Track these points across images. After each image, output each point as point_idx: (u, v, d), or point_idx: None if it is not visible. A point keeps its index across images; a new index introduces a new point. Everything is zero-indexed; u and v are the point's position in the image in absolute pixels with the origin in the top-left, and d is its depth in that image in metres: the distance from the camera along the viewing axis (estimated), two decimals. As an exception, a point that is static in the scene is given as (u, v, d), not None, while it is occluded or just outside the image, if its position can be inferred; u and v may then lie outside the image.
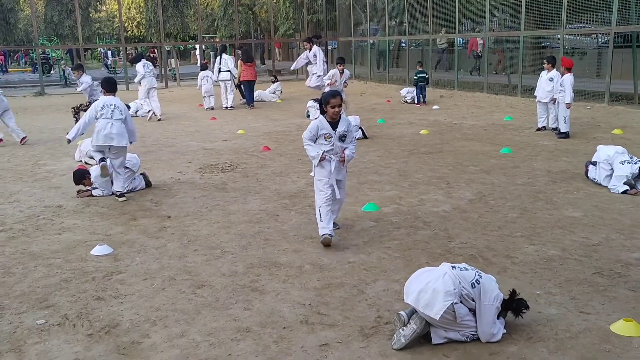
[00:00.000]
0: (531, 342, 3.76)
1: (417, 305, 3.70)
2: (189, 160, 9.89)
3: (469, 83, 19.78)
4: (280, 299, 4.51)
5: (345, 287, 4.71)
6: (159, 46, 27.48)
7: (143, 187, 8.07)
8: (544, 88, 11.33)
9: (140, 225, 6.48)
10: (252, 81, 16.91)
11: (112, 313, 4.34)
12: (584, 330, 3.89)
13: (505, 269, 4.98)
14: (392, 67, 24.07)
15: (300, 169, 8.98)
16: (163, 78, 25.76)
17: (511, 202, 6.90)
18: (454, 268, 3.79)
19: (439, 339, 3.75)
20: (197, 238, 5.99)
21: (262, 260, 5.33)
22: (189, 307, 4.41)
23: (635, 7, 13.37)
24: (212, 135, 12.48)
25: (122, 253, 5.61)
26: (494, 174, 8.30)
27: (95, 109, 7.50)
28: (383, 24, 23.99)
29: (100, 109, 7.47)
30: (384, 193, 7.49)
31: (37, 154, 10.89)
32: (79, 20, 24.54)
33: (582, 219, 6.21)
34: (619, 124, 12.01)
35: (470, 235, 5.83)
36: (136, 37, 43.75)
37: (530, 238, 5.69)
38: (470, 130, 12.22)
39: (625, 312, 4.09)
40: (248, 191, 7.78)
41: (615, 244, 5.44)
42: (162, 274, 5.08)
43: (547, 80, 11.20)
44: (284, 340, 3.89)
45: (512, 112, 14.69)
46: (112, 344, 3.89)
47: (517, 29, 17.09)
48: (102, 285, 4.85)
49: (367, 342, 3.84)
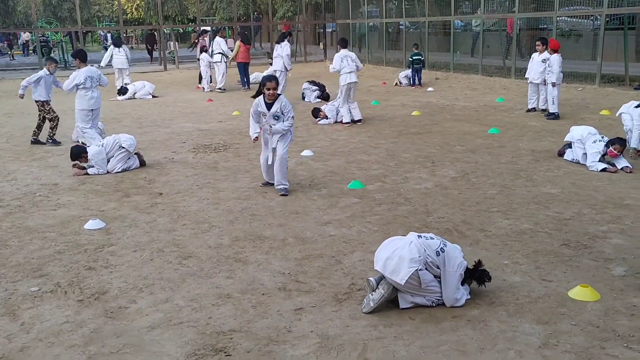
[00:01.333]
0: (493, 307, 4.01)
1: (384, 271, 3.95)
2: (183, 141, 10.12)
3: (465, 65, 19.87)
4: (262, 269, 4.77)
5: (324, 257, 4.96)
6: (157, 29, 27.52)
7: (137, 166, 8.30)
8: (536, 69, 11.49)
9: (133, 201, 6.73)
10: (247, 63, 17.02)
11: (102, 281, 4.60)
12: (544, 295, 4.14)
13: (477, 241, 5.22)
14: (390, 50, 24.14)
15: (291, 148, 9.12)
16: (162, 61, 25.88)
17: (492, 180, 7.12)
18: (420, 237, 4.03)
19: (406, 304, 4.00)
20: (187, 213, 6.23)
21: (247, 233, 5.58)
22: (175, 276, 4.67)
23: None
24: (207, 117, 12.68)
25: (114, 227, 5.86)
26: (479, 153, 8.51)
27: (78, 81, 9.01)
28: (381, 6, 24.01)
29: (83, 81, 9.01)
30: (370, 172, 7.72)
31: (35, 134, 11.10)
32: (77, 3, 24.63)
33: (558, 195, 6.44)
34: (607, 105, 12.17)
35: (448, 210, 6.06)
36: (135, 19, 43.73)
37: (505, 213, 5.93)
38: (462, 111, 12.41)
39: (585, 279, 4.34)
40: (238, 170, 8.01)
41: (586, 218, 5.68)
42: (152, 246, 5.33)
43: (540, 62, 11.37)
44: (262, 305, 4.14)
45: (505, 93, 14.85)
46: (101, 309, 4.15)
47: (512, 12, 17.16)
48: (93, 257, 5.11)
49: (339, 306, 4.09)
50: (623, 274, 4.45)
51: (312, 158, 8.56)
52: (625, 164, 7.32)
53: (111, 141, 8.08)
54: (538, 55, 11.51)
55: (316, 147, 9.29)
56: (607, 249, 4.93)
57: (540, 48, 11.46)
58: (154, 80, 18.85)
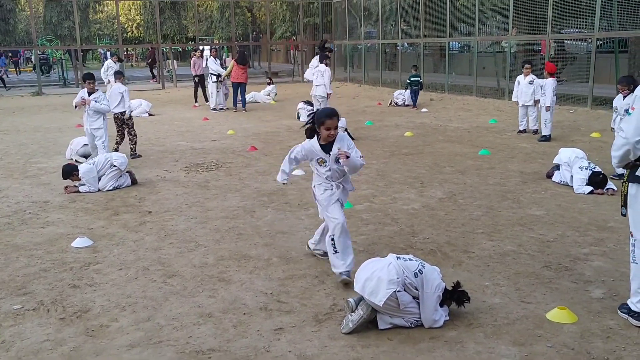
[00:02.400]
0: (470, 328, 4.04)
1: (363, 292, 3.99)
2: (176, 159, 10.19)
3: (460, 86, 20.07)
4: (245, 288, 4.80)
5: (307, 277, 5.00)
6: (156, 47, 27.77)
7: (129, 184, 8.36)
8: (525, 92, 11.63)
9: (122, 219, 6.78)
10: (242, 83, 17.01)
11: (85, 299, 4.63)
12: (522, 317, 4.17)
13: (460, 262, 5.26)
14: (386, 70, 24.37)
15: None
16: (160, 79, 26.08)
17: (479, 201, 7.18)
18: (398, 259, 4.07)
19: (385, 325, 4.03)
20: (174, 232, 6.28)
21: (232, 253, 5.62)
22: (158, 295, 4.70)
23: (617, 13, 13.64)
24: (202, 136, 12.78)
25: (101, 245, 5.90)
26: (468, 174, 8.58)
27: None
28: (378, 28, 24.28)
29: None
30: (360, 192, 7.77)
31: (29, 152, 11.19)
32: (77, 22, 24.88)
33: (543, 217, 6.49)
34: (598, 127, 12.29)
35: (433, 231, 6.11)
36: (136, 38, 44.13)
37: (490, 234, 5.97)
38: (454, 132, 12.51)
39: (563, 301, 4.37)
40: (229, 189, 8.07)
41: (569, 240, 5.72)
42: (137, 264, 5.37)
43: (527, 84, 11.54)
44: (242, 325, 4.17)
45: (498, 115, 14.98)
46: (82, 327, 4.18)
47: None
48: (78, 275, 5.14)
49: (319, 326, 4.12)
50: (601, 296, 4.48)
51: (303, 177, 8.62)
52: (611, 186, 7.39)
53: (103, 159, 8.15)
54: (524, 77, 11.67)
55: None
56: (588, 271, 4.97)
57: (529, 71, 11.63)
58: (151, 98, 19.03)
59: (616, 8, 13.59)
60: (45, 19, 32.22)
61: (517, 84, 11.86)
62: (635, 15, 13.14)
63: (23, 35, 38.36)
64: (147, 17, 28.70)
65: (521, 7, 16.46)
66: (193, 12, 29.07)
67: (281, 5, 31.85)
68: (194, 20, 28.78)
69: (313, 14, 30.37)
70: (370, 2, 24.23)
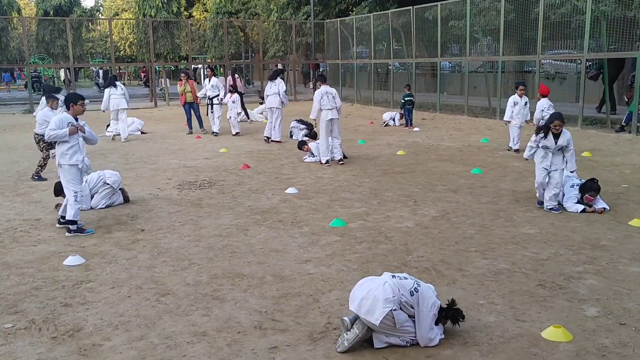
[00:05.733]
0: (466, 347, 4.03)
1: (359, 311, 3.97)
2: (169, 177, 10.16)
3: (451, 106, 20.23)
4: (239, 307, 4.77)
5: (302, 296, 4.97)
6: (149, 66, 27.84)
7: (121, 202, 8.32)
8: (522, 113, 11.83)
9: (114, 237, 6.73)
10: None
11: (77, 318, 4.58)
12: (517, 335, 4.16)
13: (455, 280, 5.26)
14: (378, 90, 24.53)
15: (276, 186, 9.28)
16: (153, 97, 26.11)
17: (472, 220, 7.20)
18: (394, 277, 4.07)
19: (381, 344, 4.01)
20: (168, 250, 6.24)
21: (226, 271, 5.59)
22: (152, 313, 4.66)
23: (606, 35, 13.85)
24: (194, 154, 12.77)
25: (93, 263, 5.85)
26: (460, 193, 8.61)
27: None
28: (370, 47, 24.48)
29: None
30: (353, 210, 7.78)
31: (21, 169, 11.14)
32: (70, 40, 24.93)
33: (536, 236, 6.52)
34: (589, 147, 12.40)
35: (427, 249, 6.11)
36: (129, 56, 44.25)
37: (484, 253, 5.98)
38: (446, 151, 12.58)
39: (558, 320, 4.37)
40: (222, 207, 8.05)
41: (562, 259, 5.74)
42: (130, 282, 5.33)
43: (523, 105, 11.76)
44: (237, 344, 4.14)
45: (490, 134, 15.08)
46: (74, 346, 4.13)
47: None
48: (70, 293, 5.09)
49: (314, 345, 4.09)
50: (596, 314, 4.49)
51: (296, 195, 8.62)
52: (603, 205, 7.44)
53: (95, 177, 8.12)
54: (520, 98, 11.83)
55: (301, 184, 9.36)
56: (582, 289, 4.98)
57: (523, 92, 11.79)
58: (143, 116, 19.02)
59: (605, 30, 13.79)
60: (38, 37, 32.26)
61: (513, 104, 11.96)
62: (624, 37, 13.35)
63: (15, 53, 38.37)
64: (140, 36, 28.78)
65: (512, 28, 16.68)
66: (186, 31, 29.24)
67: (274, 25, 32.08)
68: (187, 39, 28.93)
69: (305, 33, 30.60)
70: (363, 23, 24.45)
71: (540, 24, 15.10)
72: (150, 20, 26.39)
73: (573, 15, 14.73)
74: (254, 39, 38.12)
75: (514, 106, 11.95)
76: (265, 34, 32.60)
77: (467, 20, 17.80)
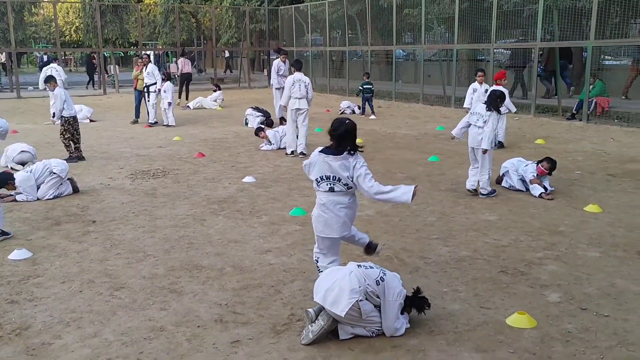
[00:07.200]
0: (432, 335, 3.98)
1: (324, 303, 3.85)
2: (120, 167, 9.81)
3: (406, 94, 20.31)
4: (198, 300, 4.59)
5: (263, 287, 4.83)
6: (97, 52, 26.94)
7: (70, 192, 7.97)
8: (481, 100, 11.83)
9: (64, 230, 6.42)
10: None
11: (24, 316, 4.32)
12: (482, 323, 4.14)
13: (417, 268, 5.21)
14: (333, 77, 24.44)
15: (233, 175, 9.07)
16: (101, 84, 25.29)
17: (432, 207, 7.18)
18: (359, 267, 3.97)
19: (346, 335, 3.91)
20: (121, 242, 5.98)
21: (183, 263, 5.39)
22: (105, 309, 4.43)
23: (558, 24, 14.10)
24: (147, 142, 12.39)
25: (41, 257, 5.55)
26: (419, 180, 8.60)
27: None
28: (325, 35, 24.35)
29: None
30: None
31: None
32: (11, 24, 23.81)
33: (496, 222, 6.55)
34: (542, 134, 12.63)
35: (389, 237, 6.05)
36: (75, 42, 42.71)
37: (445, 240, 5.96)
38: (403, 139, 12.59)
39: (522, 306, 4.37)
40: (177, 197, 7.80)
41: (523, 245, 5.78)
42: (81, 277, 5.07)
43: (483, 92, 11.73)
44: (197, 338, 3.97)
45: (445, 122, 15.18)
46: (22, 346, 3.88)
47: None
48: (17, 289, 4.81)
49: (277, 338, 3.96)
50: (558, 300, 4.51)
51: (254, 184, 8.44)
52: (547, 184, 7.70)
53: (41, 167, 7.74)
54: (479, 85, 11.85)
55: (258, 173, 9.18)
56: (543, 275, 5.01)
57: (481, 79, 11.82)
58: (92, 104, 18.37)
59: (557, 19, 14.03)
60: (-23, 21, 30.75)
61: (473, 91, 11.96)
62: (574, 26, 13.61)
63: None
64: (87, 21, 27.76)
65: (466, 17, 16.81)
66: (136, 16, 28.38)
67: (227, 11, 31.50)
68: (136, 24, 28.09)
69: (259, 20, 30.19)
70: (317, 10, 24.26)
71: (495, 13, 15.25)
72: (97, 3, 25.49)
73: (526, 5, 14.95)
74: (207, 25, 37.37)
75: (473, 93, 11.98)
76: (218, 21, 31.98)
77: (422, 8, 17.85)
